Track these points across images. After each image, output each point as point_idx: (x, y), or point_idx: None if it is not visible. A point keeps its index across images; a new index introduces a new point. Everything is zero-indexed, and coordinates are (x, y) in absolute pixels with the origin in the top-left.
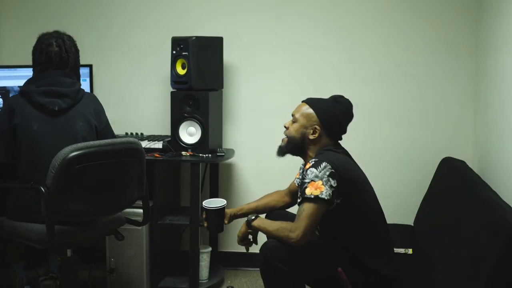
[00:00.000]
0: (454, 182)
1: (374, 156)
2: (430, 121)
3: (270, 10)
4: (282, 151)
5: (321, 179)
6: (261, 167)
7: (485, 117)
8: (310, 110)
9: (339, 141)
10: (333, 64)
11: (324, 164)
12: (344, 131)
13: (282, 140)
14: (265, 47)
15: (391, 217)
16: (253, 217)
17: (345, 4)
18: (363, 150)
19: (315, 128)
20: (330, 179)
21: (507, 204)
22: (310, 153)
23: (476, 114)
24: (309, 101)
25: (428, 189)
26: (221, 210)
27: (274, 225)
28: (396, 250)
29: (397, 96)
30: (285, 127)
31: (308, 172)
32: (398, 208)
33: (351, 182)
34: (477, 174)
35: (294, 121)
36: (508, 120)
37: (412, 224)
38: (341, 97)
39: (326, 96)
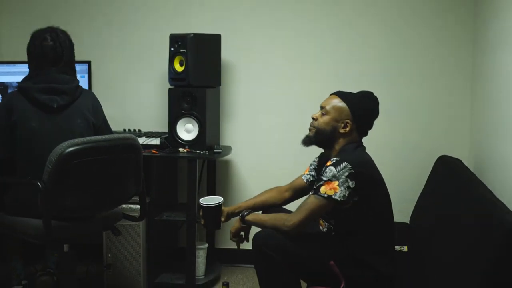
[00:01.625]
0: (449, 180)
1: (370, 154)
2: (427, 119)
3: (269, 8)
4: (309, 141)
5: (338, 179)
6: (258, 164)
7: (481, 116)
8: (343, 104)
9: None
10: (331, 62)
11: (344, 164)
12: (371, 127)
13: (310, 130)
14: (263, 44)
15: None
16: (246, 213)
17: (344, 3)
18: None
19: (347, 122)
20: (348, 180)
21: (502, 202)
22: (337, 147)
23: (472, 113)
24: (340, 94)
25: (424, 187)
26: (217, 208)
27: (269, 216)
28: None
29: (393, 94)
30: (313, 118)
31: (327, 170)
32: (394, 205)
33: (370, 183)
34: (472, 172)
35: (324, 113)
36: (504, 119)
37: (408, 222)
38: (371, 93)
39: (323, 93)
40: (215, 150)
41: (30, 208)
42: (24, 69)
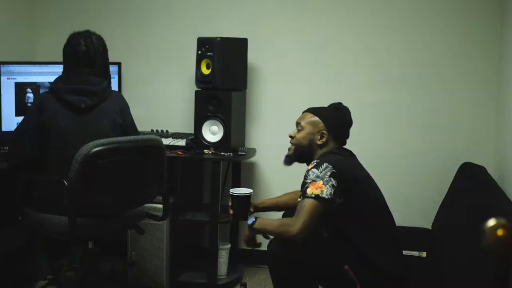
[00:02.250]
0: (472, 188)
1: (393, 160)
2: (451, 126)
3: (294, 12)
4: (290, 160)
5: (322, 179)
6: (282, 167)
7: (507, 123)
8: (316, 118)
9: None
10: (356, 65)
11: (325, 165)
12: (347, 136)
13: (289, 149)
14: (289, 48)
15: (409, 220)
16: (254, 219)
17: (370, 7)
18: (382, 154)
19: (323, 133)
20: (332, 178)
21: None
22: (316, 158)
23: (497, 119)
24: (312, 110)
25: (447, 193)
26: (247, 198)
27: (274, 223)
28: (410, 252)
29: (417, 100)
30: (290, 136)
31: (310, 172)
32: (416, 211)
33: (352, 181)
34: (494, 181)
35: (300, 129)
36: None
37: (430, 228)
38: (340, 103)
39: (347, 97)
40: (239, 152)
41: (56, 205)
42: (57, 69)
